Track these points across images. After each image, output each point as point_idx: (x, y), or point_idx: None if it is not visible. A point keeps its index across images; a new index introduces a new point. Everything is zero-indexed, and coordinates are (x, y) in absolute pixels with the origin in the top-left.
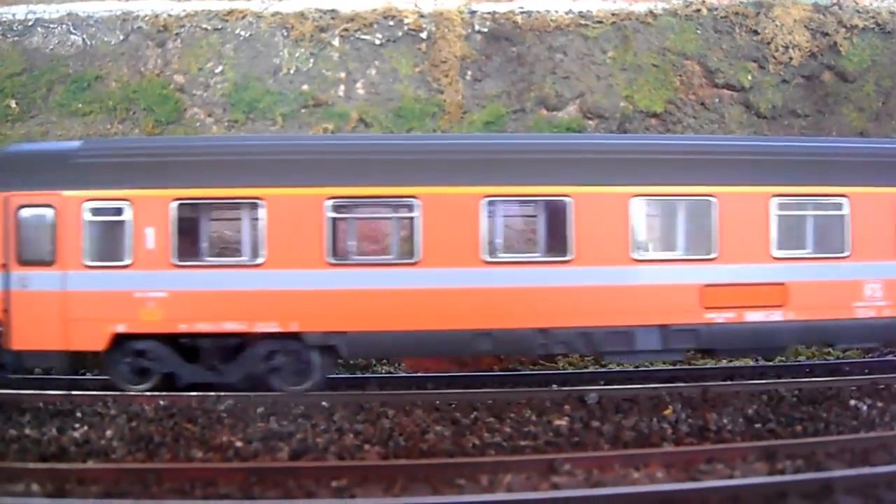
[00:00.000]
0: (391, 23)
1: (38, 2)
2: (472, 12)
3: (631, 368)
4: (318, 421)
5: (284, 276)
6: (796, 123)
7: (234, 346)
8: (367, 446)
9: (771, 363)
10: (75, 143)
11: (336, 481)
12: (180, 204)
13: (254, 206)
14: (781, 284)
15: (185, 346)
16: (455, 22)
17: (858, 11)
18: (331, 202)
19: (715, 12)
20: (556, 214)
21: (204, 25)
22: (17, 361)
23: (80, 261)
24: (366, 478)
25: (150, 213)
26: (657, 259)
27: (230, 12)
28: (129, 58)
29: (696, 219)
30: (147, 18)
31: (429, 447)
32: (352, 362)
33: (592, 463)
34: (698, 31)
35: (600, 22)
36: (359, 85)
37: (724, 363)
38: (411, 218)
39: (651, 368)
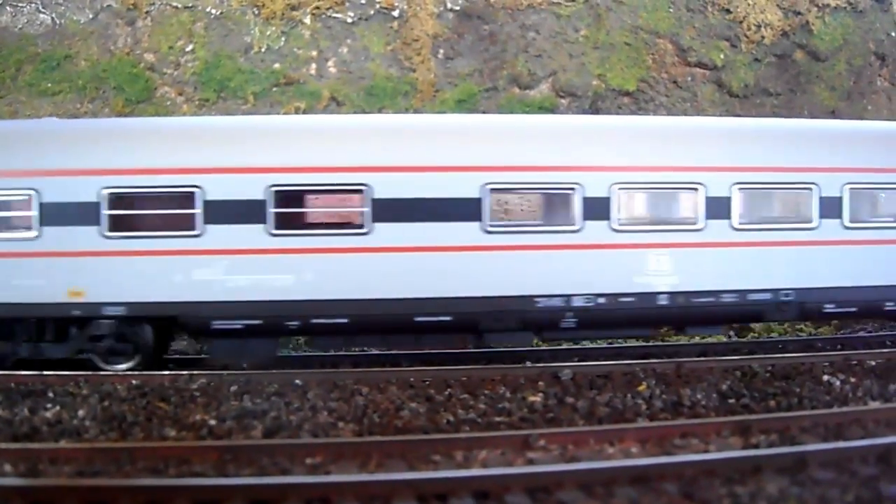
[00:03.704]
0: (363, 0)
1: None
2: None
3: (605, 345)
4: (291, 399)
5: None
6: (768, 102)
7: None
8: (341, 424)
9: (744, 339)
10: None
11: (310, 458)
12: None
13: None
14: None
15: None
16: (427, 0)
17: None
18: None
19: None
20: None
21: (174, 3)
22: None
23: None
24: (340, 455)
25: None
26: None
27: None
28: (98, 36)
29: None
30: None
31: (403, 424)
32: None
33: (567, 438)
34: (671, 10)
35: (573, 0)
36: (330, 63)
37: (697, 339)
38: None
39: (625, 345)
